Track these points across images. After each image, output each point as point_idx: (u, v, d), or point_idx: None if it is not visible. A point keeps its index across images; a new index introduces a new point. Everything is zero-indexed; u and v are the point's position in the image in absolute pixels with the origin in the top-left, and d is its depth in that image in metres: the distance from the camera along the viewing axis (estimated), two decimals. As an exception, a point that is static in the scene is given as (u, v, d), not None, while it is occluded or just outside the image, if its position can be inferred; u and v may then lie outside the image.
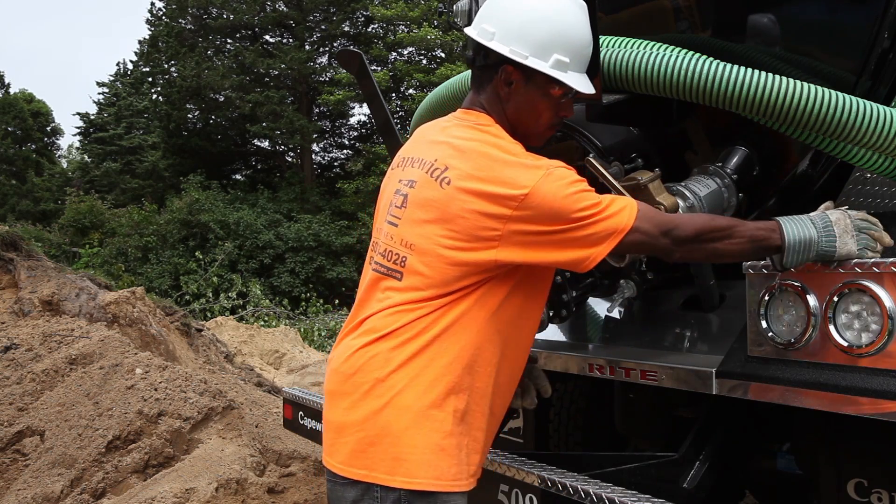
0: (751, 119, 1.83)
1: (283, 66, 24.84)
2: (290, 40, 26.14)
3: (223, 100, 25.67)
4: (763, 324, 1.80)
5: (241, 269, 19.47)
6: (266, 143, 27.63)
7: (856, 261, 1.63)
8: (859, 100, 1.68)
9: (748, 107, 1.71)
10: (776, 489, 2.57)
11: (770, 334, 1.79)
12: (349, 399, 1.62)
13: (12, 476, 4.00)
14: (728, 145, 2.21)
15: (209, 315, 13.72)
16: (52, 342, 5.08)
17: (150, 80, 30.77)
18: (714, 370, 1.90)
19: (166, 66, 27.54)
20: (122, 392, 4.29)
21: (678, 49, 1.92)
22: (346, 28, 26.31)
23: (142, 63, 31.40)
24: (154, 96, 29.95)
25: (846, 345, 1.66)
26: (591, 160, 1.86)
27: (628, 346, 2.36)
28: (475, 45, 1.68)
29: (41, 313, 5.74)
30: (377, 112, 3.08)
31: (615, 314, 2.54)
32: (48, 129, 35.61)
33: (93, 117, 33.10)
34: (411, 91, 25.14)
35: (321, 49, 26.58)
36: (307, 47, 25.83)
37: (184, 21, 25.98)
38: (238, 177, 28.68)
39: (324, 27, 25.88)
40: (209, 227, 20.02)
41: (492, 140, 1.61)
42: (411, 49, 25.25)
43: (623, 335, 2.47)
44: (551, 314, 2.32)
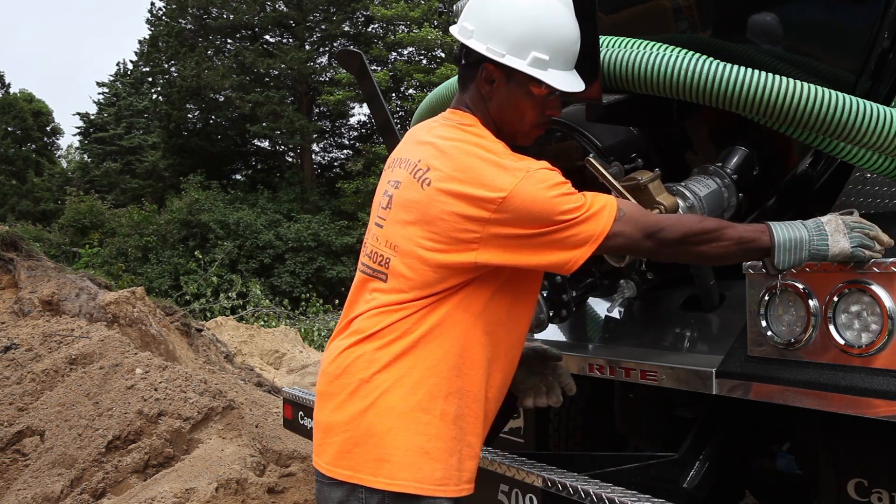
0: (751, 119, 1.83)
1: (283, 66, 24.83)
2: (290, 40, 26.13)
3: (223, 100, 25.67)
4: (763, 324, 1.80)
5: (241, 269, 19.47)
6: (266, 143, 27.63)
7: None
8: (859, 100, 1.68)
9: (748, 107, 1.71)
10: (776, 489, 2.57)
11: (770, 334, 1.79)
12: (336, 400, 1.61)
13: (12, 476, 3.99)
14: (728, 145, 2.21)
15: (209, 315, 13.72)
16: (52, 342, 5.08)
17: (150, 80, 30.76)
18: (714, 370, 1.90)
19: (166, 66, 27.54)
20: (122, 392, 4.29)
21: (678, 49, 1.92)
22: (346, 28, 26.30)
23: (142, 63, 31.39)
24: (154, 96, 29.94)
25: (846, 345, 1.66)
26: (591, 160, 1.86)
27: (628, 346, 2.36)
28: (459, 43, 1.66)
29: (41, 313, 5.74)
30: (377, 112, 3.08)
31: (615, 314, 2.54)
32: (48, 129, 35.61)
33: (93, 117, 33.11)
34: (411, 91, 25.13)
35: (321, 49, 26.57)
36: (307, 47, 25.81)
37: (184, 21, 25.97)
38: (238, 177, 28.68)
39: (324, 27, 25.87)
40: (209, 227, 20.02)
41: (473, 140, 1.58)
42: (411, 49, 25.24)
43: (623, 335, 2.47)
44: (551, 314, 2.32)
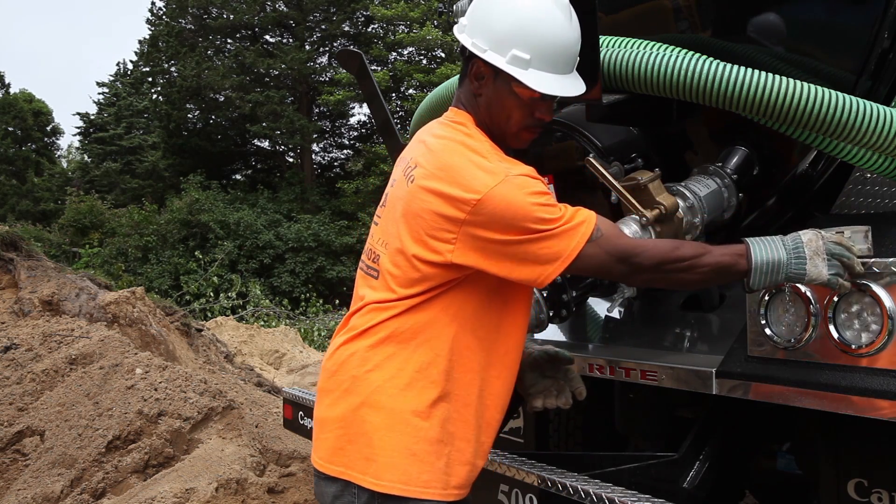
0: (751, 119, 1.83)
1: (283, 66, 24.82)
2: (290, 40, 26.13)
3: (223, 100, 25.67)
4: (763, 324, 1.80)
5: (241, 269, 19.47)
6: (266, 143, 27.63)
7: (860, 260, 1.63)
8: (859, 100, 1.68)
9: (748, 107, 1.71)
10: (776, 489, 2.57)
11: (770, 334, 1.79)
12: (331, 396, 1.62)
13: (12, 476, 3.99)
14: (728, 145, 2.21)
15: (209, 315, 13.71)
16: (52, 342, 5.08)
17: (150, 80, 30.76)
18: (714, 370, 1.90)
19: (166, 66, 27.54)
20: (122, 392, 4.29)
21: (678, 49, 1.92)
22: (346, 28, 26.30)
23: (142, 63, 31.39)
24: (154, 96, 29.94)
25: (846, 345, 1.66)
26: (591, 160, 1.86)
27: (628, 346, 2.36)
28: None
29: (41, 313, 5.74)
30: (377, 112, 3.08)
31: (615, 314, 2.54)
32: (48, 129, 35.59)
33: (93, 117, 33.12)
34: (411, 91, 25.12)
35: (321, 49, 26.57)
36: (307, 47, 25.81)
37: (184, 21, 25.97)
38: (238, 177, 28.68)
39: (324, 27, 25.87)
40: (209, 227, 20.02)
41: (459, 138, 1.58)
42: (411, 49, 25.23)
43: (623, 335, 2.47)
44: (551, 314, 2.32)
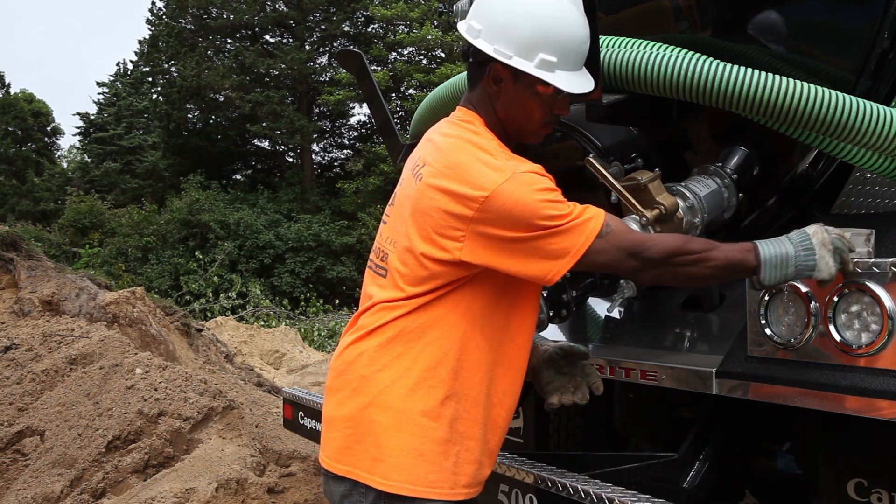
0: (751, 119, 1.83)
1: (283, 66, 24.83)
2: (290, 40, 26.14)
3: (223, 100, 25.68)
4: (763, 324, 1.80)
5: (241, 269, 19.47)
6: (266, 143, 27.64)
7: (856, 260, 1.63)
8: (859, 100, 1.67)
9: (748, 107, 1.71)
10: (776, 489, 2.57)
11: (770, 334, 1.79)
12: (339, 395, 1.63)
13: (12, 476, 3.99)
14: (728, 145, 2.20)
15: (209, 315, 13.72)
16: (52, 342, 5.08)
17: (150, 80, 30.78)
18: (714, 370, 1.89)
19: (166, 66, 27.55)
20: (122, 392, 4.28)
21: (678, 49, 1.92)
22: (346, 28, 26.31)
23: (142, 63, 31.41)
24: (154, 96, 29.96)
25: (846, 345, 1.66)
26: (591, 160, 1.86)
27: (628, 346, 2.36)
28: (467, 41, 1.64)
29: (41, 313, 5.74)
30: (377, 112, 3.08)
31: (615, 314, 2.54)
32: (48, 129, 35.62)
33: (93, 117, 33.12)
34: (411, 91, 25.12)
35: (321, 49, 26.58)
36: (307, 47, 25.82)
37: (184, 21, 25.98)
38: (238, 177, 28.69)
39: (324, 27, 25.87)
40: (209, 227, 20.02)
41: (467, 137, 1.58)
42: (411, 49, 25.24)
43: (623, 335, 2.47)
44: (551, 314, 2.31)
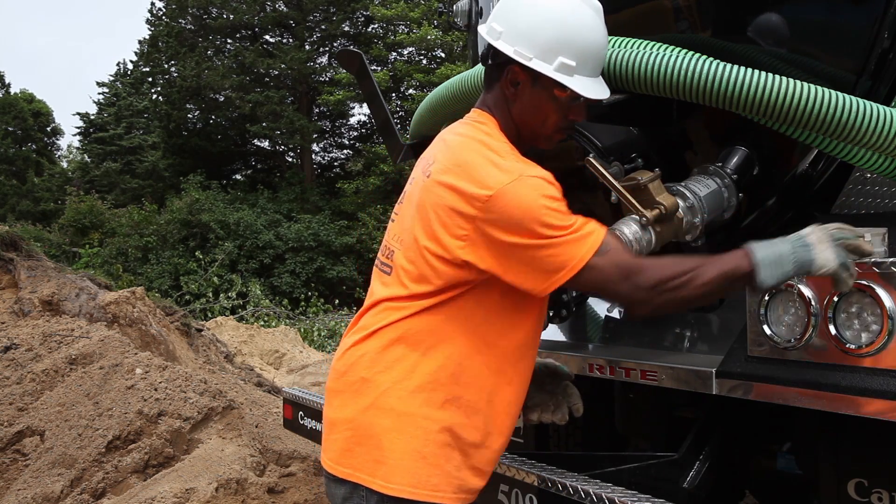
0: (751, 119, 1.83)
1: (283, 66, 24.82)
2: (290, 40, 26.13)
3: (223, 100, 25.66)
4: (763, 324, 1.80)
5: (241, 269, 19.46)
6: (266, 143, 27.63)
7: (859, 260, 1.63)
8: (859, 100, 1.67)
9: (748, 107, 1.70)
10: (776, 489, 2.57)
11: (770, 334, 1.79)
12: (341, 397, 1.62)
13: (12, 476, 3.99)
14: (728, 145, 2.20)
15: (209, 315, 13.72)
16: (52, 342, 5.08)
17: (150, 80, 30.76)
18: (714, 370, 1.89)
19: (166, 66, 27.53)
20: (122, 392, 4.29)
21: (678, 49, 1.92)
22: (346, 28, 26.30)
23: (142, 63, 31.39)
24: (154, 96, 29.95)
25: (846, 345, 1.66)
26: (591, 160, 1.86)
27: (628, 346, 2.36)
28: (486, 42, 1.64)
29: (41, 313, 5.74)
30: (377, 112, 3.08)
31: (615, 314, 2.54)
32: (48, 129, 35.61)
33: (93, 117, 33.12)
34: (411, 91, 25.12)
35: (321, 49, 26.57)
36: (307, 47, 25.82)
37: (184, 21, 25.96)
38: (238, 177, 28.68)
39: (324, 27, 25.87)
40: (209, 227, 20.02)
41: (478, 136, 1.58)
42: (411, 49, 25.23)
43: (623, 335, 2.47)
44: (551, 314, 2.31)
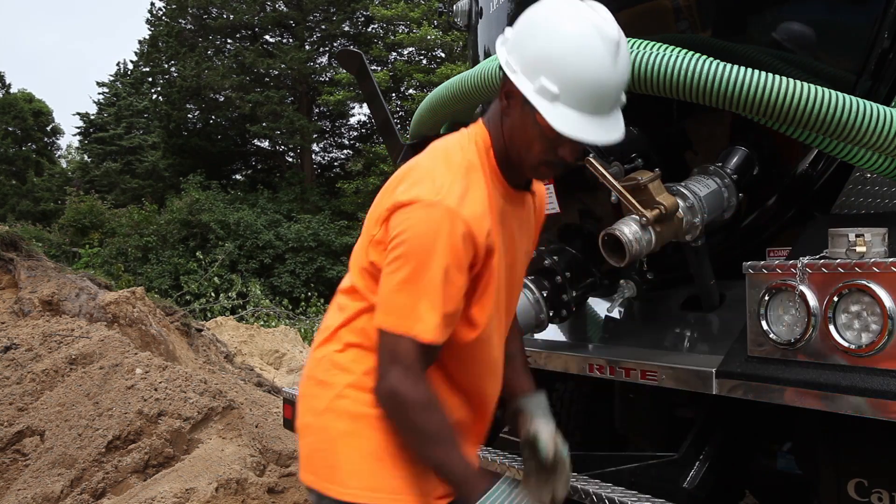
0: (751, 119, 1.83)
1: (283, 66, 24.81)
2: (290, 40, 26.12)
3: (223, 100, 25.65)
4: (763, 324, 1.80)
5: (241, 269, 19.45)
6: (266, 143, 27.61)
7: (856, 261, 1.63)
8: (859, 100, 1.68)
9: (748, 107, 1.71)
10: (776, 489, 2.57)
11: (770, 334, 1.79)
12: (303, 402, 1.59)
13: (12, 476, 3.99)
14: (728, 145, 2.20)
15: (209, 315, 13.71)
16: (52, 342, 5.08)
17: (150, 80, 30.73)
18: (714, 370, 1.89)
19: (166, 66, 27.51)
20: (122, 392, 4.29)
21: (678, 49, 1.92)
22: (346, 28, 26.28)
23: (142, 63, 31.37)
24: (154, 96, 29.92)
25: (846, 345, 1.66)
26: (591, 160, 1.86)
27: (628, 346, 2.36)
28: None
29: (41, 313, 5.74)
30: (377, 112, 3.09)
31: (615, 314, 2.54)
32: (48, 129, 35.59)
33: (93, 117, 33.10)
34: (411, 91, 25.10)
35: (321, 49, 26.56)
36: (307, 47, 25.80)
37: (184, 21, 25.95)
38: (238, 177, 28.66)
39: (324, 27, 25.86)
40: (209, 227, 20.01)
41: (450, 146, 1.51)
42: (411, 49, 25.21)
43: (623, 335, 2.47)
44: (551, 314, 2.32)
